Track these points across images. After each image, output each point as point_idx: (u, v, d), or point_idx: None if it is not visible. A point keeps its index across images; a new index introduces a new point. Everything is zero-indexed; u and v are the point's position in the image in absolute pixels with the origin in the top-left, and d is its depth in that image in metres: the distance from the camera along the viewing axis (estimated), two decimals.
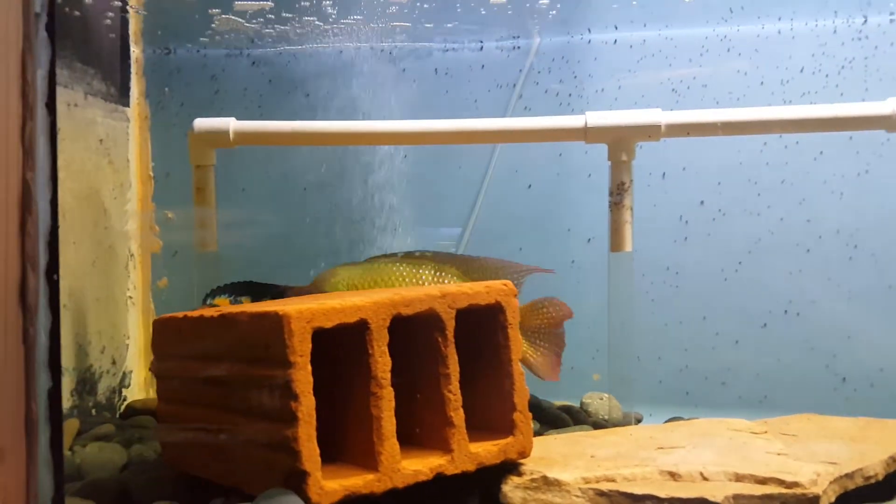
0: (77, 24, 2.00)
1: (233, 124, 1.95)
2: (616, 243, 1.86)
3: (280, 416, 1.15)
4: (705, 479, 1.27)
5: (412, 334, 1.29)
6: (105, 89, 2.13)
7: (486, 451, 1.29)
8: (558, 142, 2.00)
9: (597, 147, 1.90)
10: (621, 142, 1.86)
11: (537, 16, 2.17)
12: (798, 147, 2.19)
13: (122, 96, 2.23)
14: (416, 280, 1.76)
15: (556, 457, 1.39)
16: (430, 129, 1.96)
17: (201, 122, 1.96)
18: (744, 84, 2.22)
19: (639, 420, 1.91)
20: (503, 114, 2.32)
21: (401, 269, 1.77)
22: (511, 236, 2.30)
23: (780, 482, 1.23)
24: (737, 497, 1.20)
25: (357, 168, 2.34)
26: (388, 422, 1.20)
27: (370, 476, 1.18)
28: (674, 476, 1.28)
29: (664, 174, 2.25)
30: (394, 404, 1.21)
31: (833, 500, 1.26)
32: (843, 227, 2.17)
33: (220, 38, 2.30)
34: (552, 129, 1.92)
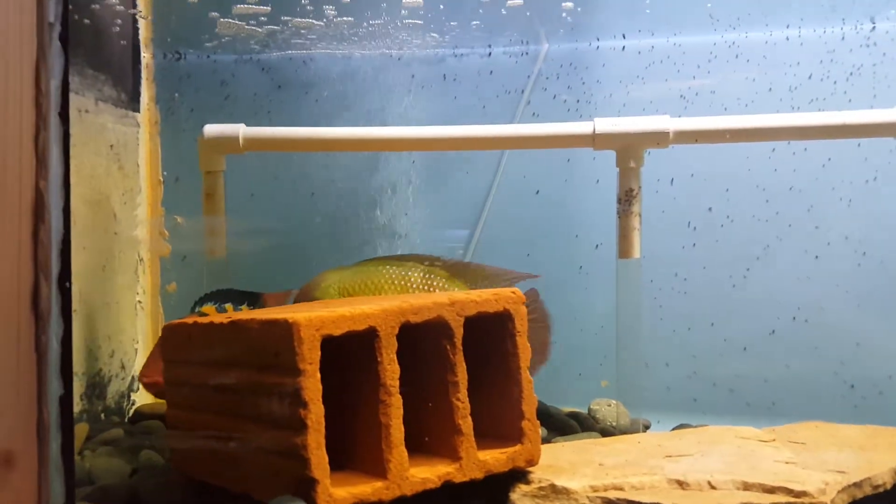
0: (88, 31, 2.01)
1: (242, 130, 1.95)
2: (624, 250, 1.85)
3: (289, 424, 1.15)
4: (713, 487, 1.27)
5: (420, 342, 1.30)
6: (116, 95, 2.14)
7: (494, 458, 1.30)
8: (566, 148, 2.00)
9: (605, 153, 1.90)
10: (629, 148, 1.85)
11: (551, 22, 2.17)
12: (806, 154, 2.19)
13: (132, 102, 2.24)
14: (404, 282, 1.76)
15: (565, 464, 1.39)
16: (439, 135, 1.96)
17: (211, 129, 1.96)
18: (752, 91, 2.22)
19: (647, 427, 1.91)
20: (511, 120, 2.33)
21: (390, 272, 1.77)
22: (519, 242, 2.30)
23: (789, 491, 1.23)
24: None
25: (365, 174, 2.34)
26: (397, 429, 1.20)
27: (379, 483, 1.18)
28: (682, 485, 1.28)
29: (672, 180, 2.25)
30: (402, 412, 1.21)
31: None
32: (851, 233, 2.17)
33: (230, 44, 2.31)
34: (560, 135, 1.92)
